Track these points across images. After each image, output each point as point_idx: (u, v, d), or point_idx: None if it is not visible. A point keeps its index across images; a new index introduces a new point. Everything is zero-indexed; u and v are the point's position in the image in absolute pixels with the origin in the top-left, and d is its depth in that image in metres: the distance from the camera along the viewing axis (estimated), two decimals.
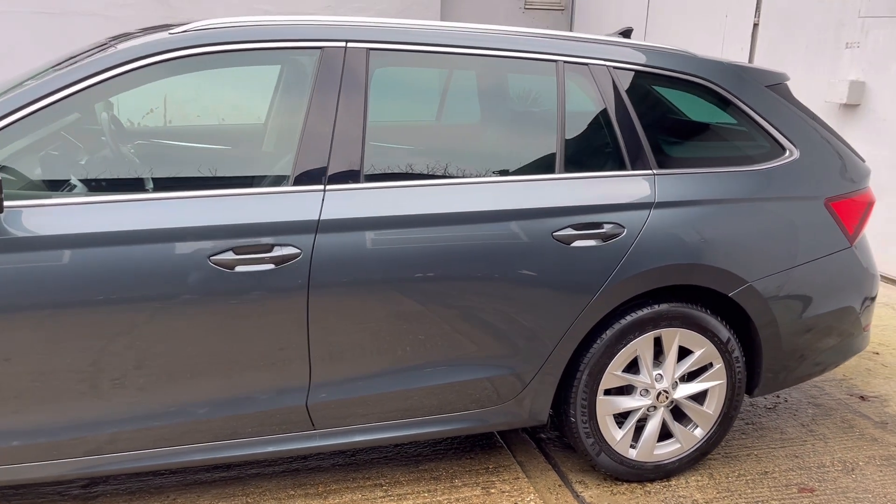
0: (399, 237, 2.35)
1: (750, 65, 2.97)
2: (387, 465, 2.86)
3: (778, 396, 3.55)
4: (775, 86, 2.92)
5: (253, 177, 2.35)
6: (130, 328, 2.17)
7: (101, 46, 2.76)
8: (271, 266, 2.24)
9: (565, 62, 2.62)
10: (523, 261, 2.45)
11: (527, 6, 10.11)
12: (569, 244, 2.48)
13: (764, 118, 2.82)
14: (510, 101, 2.72)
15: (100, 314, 2.14)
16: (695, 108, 2.88)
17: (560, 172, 2.56)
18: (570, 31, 10.21)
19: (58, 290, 2.09)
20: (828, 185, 2.83)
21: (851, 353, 3.04)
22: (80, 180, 2.30)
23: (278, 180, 2.35)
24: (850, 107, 5.61)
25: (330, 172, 2.33)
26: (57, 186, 2.26)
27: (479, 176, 2.50)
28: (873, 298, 3.01)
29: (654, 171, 2.63)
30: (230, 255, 2.21)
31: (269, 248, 2.24)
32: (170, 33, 2.32)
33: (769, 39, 6.42)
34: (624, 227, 2.53)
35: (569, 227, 2.49)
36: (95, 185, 2.33)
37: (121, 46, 2.29)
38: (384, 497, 2.66)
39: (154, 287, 2.16)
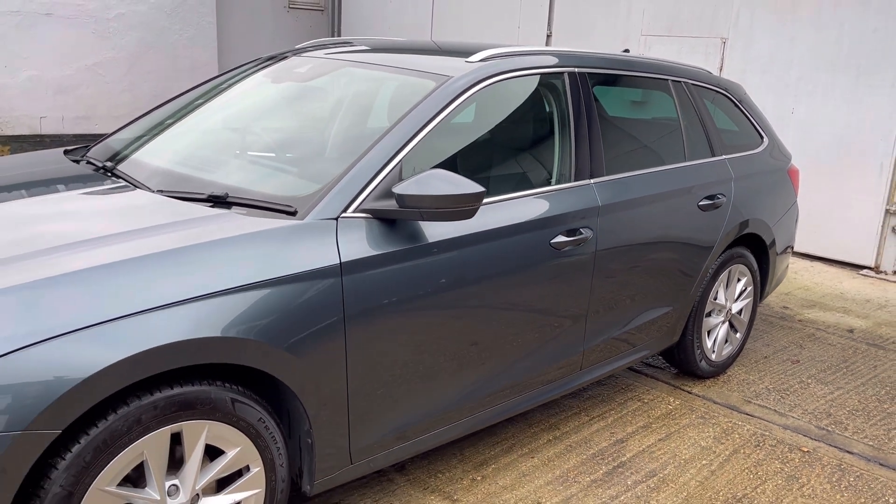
0: (631, 215, 3.15)
1: (730, 79, 4.27)
2: (562, 401, 3.58)
3: None
4: (744, 93, 4.27)
5: (551, 174, 2.93)
6: (506, 301, 2.67)
7: (266, 62, 3.04)
8: (576, 245, 2.88)
9: (671, 80, 3.62)
10: (686, 224, 3.42)
11: (291, 6, 10.45)
12: (705, 211, 3.51)
13: (751, 115, 4.15)
14: (655, 108, 3.63)
15: (496, 290, 2.61)
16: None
17: (687, 161, 3.56)
18: (335, 32, 10.83)
19: (487, 272, 2.54)
20: (782, 160, 4.28)
21: (783, 277, 4.57)
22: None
23: (565, 177, 2.96)
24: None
25: (592, 167, 3.03)
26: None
27: (655, 165, 3.38)
28: None
29: (725, 157, 3.78)
30: (562, 238, 2.81)
31: (577, 230, 2.88)
32: (466, 61, 2.78)
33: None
34: (725, 196, 3.64)
35: (704, 198, 3.51)
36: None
37: (444, 79, 2.69)
38: (589, 420, 3.42)
39: (522, 266, 2.68)
